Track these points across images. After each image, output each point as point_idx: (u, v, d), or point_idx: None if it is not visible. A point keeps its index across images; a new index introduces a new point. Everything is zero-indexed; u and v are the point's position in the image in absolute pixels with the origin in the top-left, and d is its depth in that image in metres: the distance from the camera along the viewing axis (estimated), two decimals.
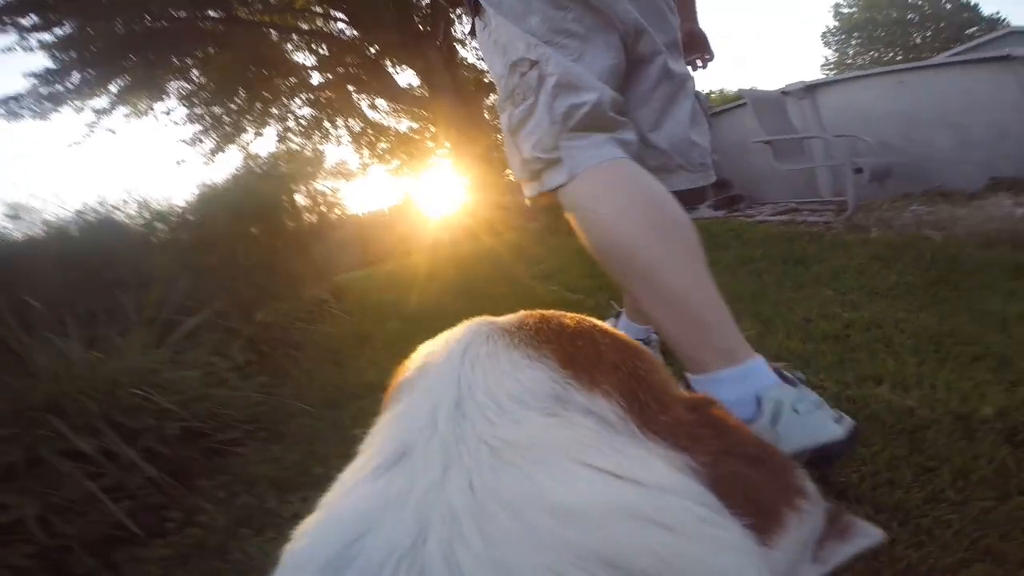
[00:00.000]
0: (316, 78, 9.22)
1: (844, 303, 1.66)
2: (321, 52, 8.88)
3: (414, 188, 10.52)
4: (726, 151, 5.25)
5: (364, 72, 8.93)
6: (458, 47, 8.74)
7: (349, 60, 8.87)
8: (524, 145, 0.95)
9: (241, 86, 8.40)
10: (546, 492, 0.22)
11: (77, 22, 6.53)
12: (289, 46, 8.66)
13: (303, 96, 9.40)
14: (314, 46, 8.76)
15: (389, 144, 11.03)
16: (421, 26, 7.83)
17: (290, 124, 9.74)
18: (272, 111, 9.39)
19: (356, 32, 8.28)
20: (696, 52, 1.31)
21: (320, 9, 8.15)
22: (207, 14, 7.31)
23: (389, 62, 8.85)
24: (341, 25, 8.45)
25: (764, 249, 2.56)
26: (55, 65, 6.79)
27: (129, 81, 7.52)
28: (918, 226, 2.72)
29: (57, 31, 6.54)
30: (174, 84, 8.16)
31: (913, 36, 24.80)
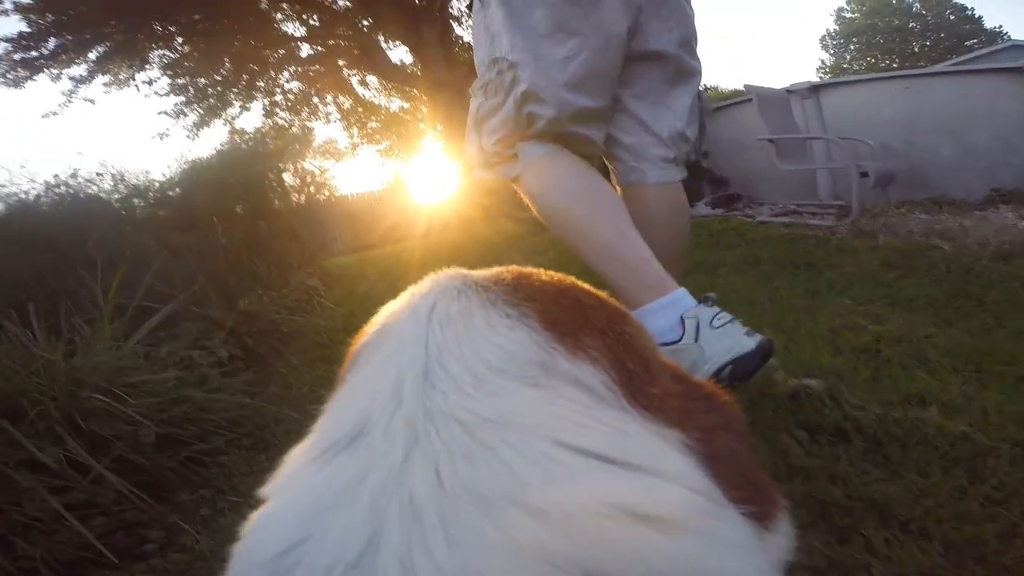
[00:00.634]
0: (305, 50, 8.91)
1: (866, 314, 1.60)
2: (311, 23, 8.57)
3: (405, 170, 10.31)
4: (724, 148, 5.18)
5: (355, 46, 8.64)
6: (454, 25, 8.51)
7: (340, 32, 8.58)
8: (486, 138, 1.07)
9: (227, 56, 8.06)
10: (525, 484, 0.19)
11: None
12: (278, 15, 8.31)
13: (291, 69, 9.10)
14: (304, 16, 8.44)
15: (379, 124, 10.78)
16: (417, 0, 7.59)
17: (277, 98, 9.44)
18: (259, 84, 9.07)
19: (349, 2, 7.98)
20: None
21: None
22: None
23: (382, 37, 8.57)
24: None
25: (770, 251, 2.50)
26: (30, 29, 6.40)
27: (109, 48, 7.15)
28: (927, 235, 2.68)
29: None
30: (157, 52, 7.80)
31: (912, 44, 25.12)
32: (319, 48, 8.88)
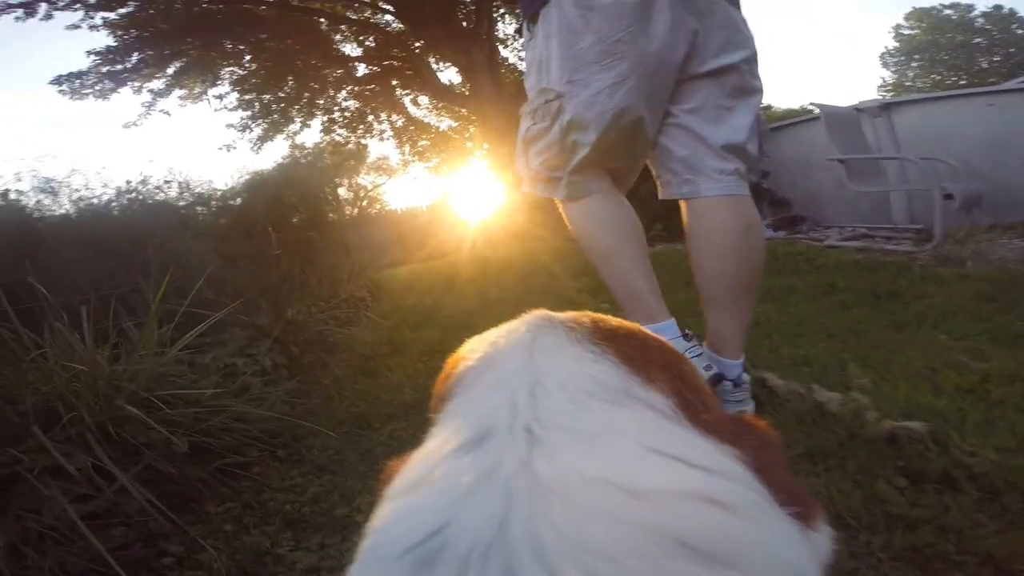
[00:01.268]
0: (361, 70, 9.29)
1: (967, 351, 1.41)
2: (368, 44, 8.95)
3: (452, 187, 10.50)
4: (786, 168, 4.92)
5: (408, 66, 8.97)
6: (500, 47, 8.72)
7: (394, 53, 8.93)
8: (533, 158, 1.22)
9: (290, 74, 8.49)
10: (623, 473, 0.23)
11: (138, 1, 6.67)
12: (337, 36, 8.72)
13: (348, 88, 9.49)
14: (361, 37, 8.83)
15: (430, 142, 11.09)
16: (465, 22, 7.84)
17: (335, 116, 9.84)
18: (318, 102, 9.52)
19: (402, 25, 8.30)
20: None
21: None
22: None
23: (432, 58, 8.88)
24: (388, 17, 8.48)
25: (845, 278, 2.29)
26: (116, 44, 6.95)
27: (185, 63, 7.66)
28: (1023, 262, 2.40)
29: (120, 9, 6.69)
30: (227, 69, 8.31)
31: (979, 61, 23.84)
32: (374, 68, 9.26)
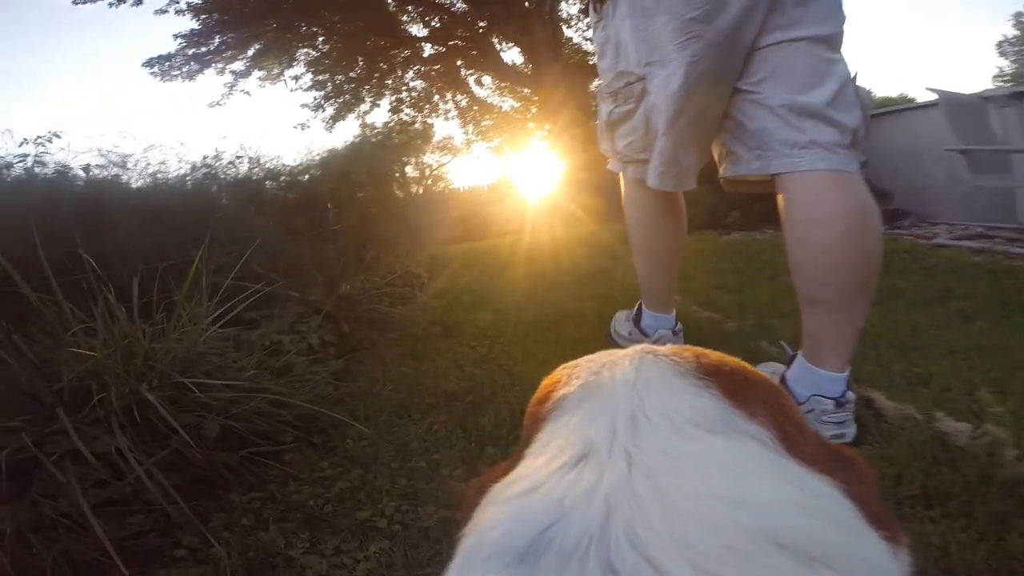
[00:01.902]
0: (428, 50, 9.34)
1: None
2: (433, 24, 8.98)
3: (514, 167, 10.41)
4: (889, 158, 4.37)
5: (472, 46, 8.92)
6: (563, 27, 8.49)
7: (459, 34, 8.90)
8: (619, 141, 1.30)
9: (361, 55, 8.65)
10: (719, 487, 0.24)
11: None
12: (404, 17, 8.79)
13: (415, 68, 9.58)
14: (427, 18, 8.86)
15: (492, 121, 11.04)
16: (527, 2, 7.68)
17: (403, 95, 9.97)
18: (387, 83, 9.67)
19: (466, 5, 8.24)
20: None
21: None
22: None
23: (496, 38, 8.78)
24: None
25: (963, 284, 1.95)
26: (199, 27, 7.33)
27: (264, 45, 7.98)
28: None
29: None
30: (302, 51, 8.59)
31: None
32: (440, 48, 9.28)
